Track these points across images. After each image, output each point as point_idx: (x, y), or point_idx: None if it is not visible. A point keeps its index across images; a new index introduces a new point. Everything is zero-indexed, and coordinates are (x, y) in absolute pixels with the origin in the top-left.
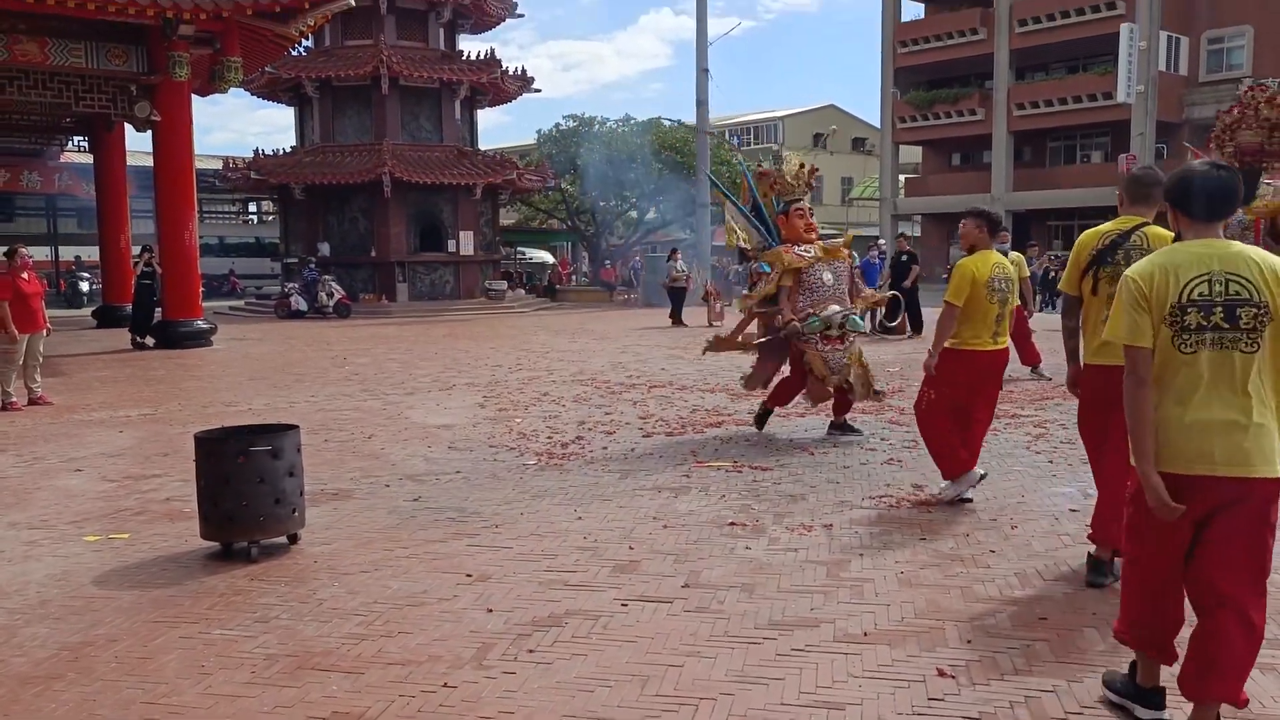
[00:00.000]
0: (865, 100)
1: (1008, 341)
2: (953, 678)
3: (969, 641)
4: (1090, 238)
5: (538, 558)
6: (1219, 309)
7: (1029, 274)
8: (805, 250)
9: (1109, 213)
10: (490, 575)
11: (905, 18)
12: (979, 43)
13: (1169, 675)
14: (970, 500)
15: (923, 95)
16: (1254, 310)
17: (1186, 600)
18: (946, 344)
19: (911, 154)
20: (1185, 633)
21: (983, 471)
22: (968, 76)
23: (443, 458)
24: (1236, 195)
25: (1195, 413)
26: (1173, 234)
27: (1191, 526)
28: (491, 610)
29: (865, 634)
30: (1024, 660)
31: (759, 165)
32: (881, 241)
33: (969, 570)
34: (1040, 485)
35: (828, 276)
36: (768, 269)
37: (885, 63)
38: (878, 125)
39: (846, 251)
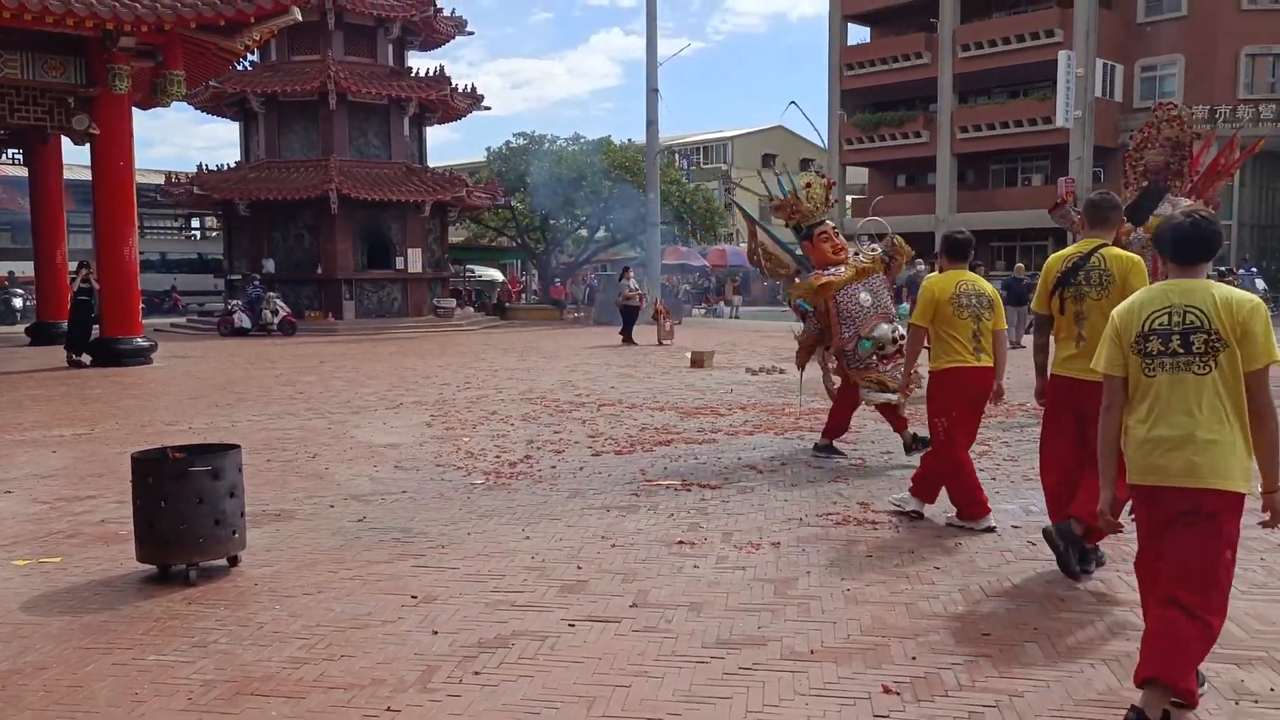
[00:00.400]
0: (814, 121)
1: (989, 361)
2: (897, 694)
3: (914, 658)
4: (1055, 261)
5: (484, 578)
6: (1176, 336)
7: None
8: (836, 271)
9: (1050, 234)
10: (436, 596)
11: (851, 41)
12: (923, 67)
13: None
14: (922, 516)
15: (868, 118)
16: (1205, 336)
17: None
18: (935, 367)
19: (858, 175)
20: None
21: (993, 524)
22: (912, 100)
23: (389, 477)
24: (1204, 241)
25: (1152, 430)
26: (1135, 258)
27: (1160, 531)
28: (437, 632)
29: (812, 652)
30: (967, 676)
31: (770, 199)
32: None
33: (914, 587)
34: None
35: (865, 297)
36: (809, 307)
37: (832, 85)
38: (825, 146)
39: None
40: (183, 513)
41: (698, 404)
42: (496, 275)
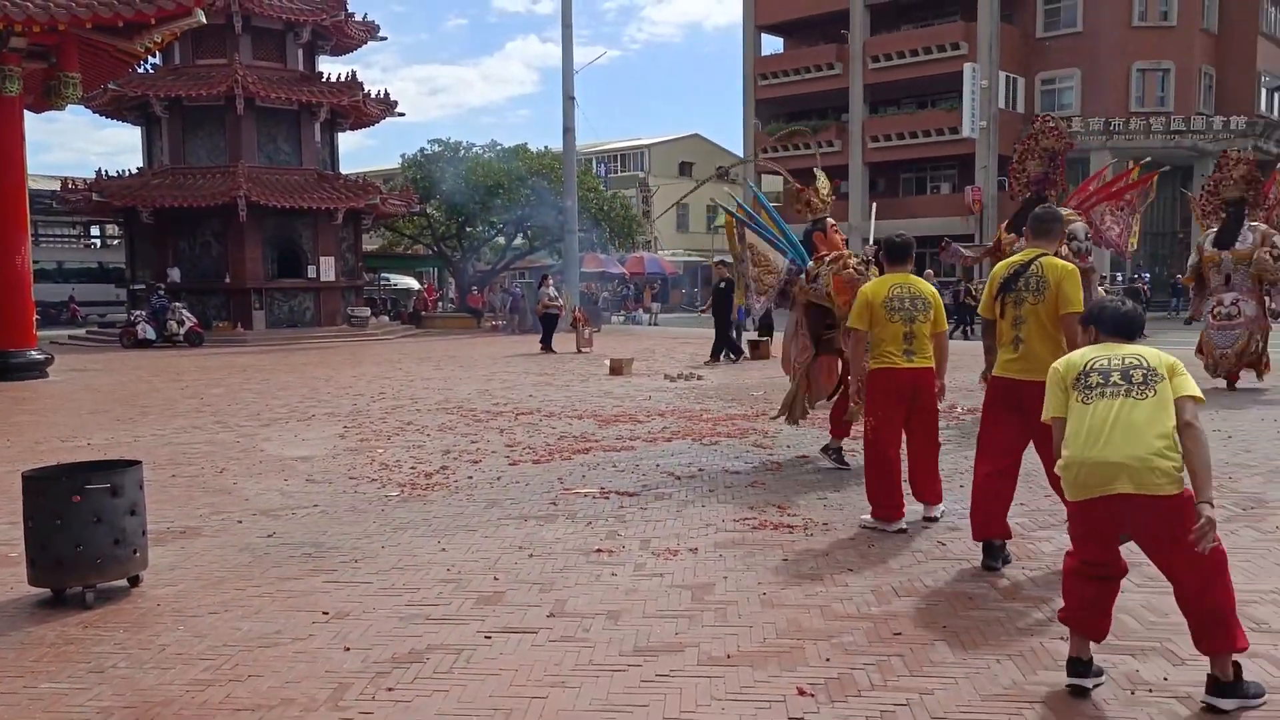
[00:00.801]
0: (729, 130)
1: (929, 361)
2: (812, 696)
3: (828, 660)
4: (1001, 268)
5: (399, 592)
6: (1115, 373)
7: None
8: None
9: (959, 241)
10: (349, 612)
11: (765, 51)
12: (835, 77)
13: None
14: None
15: (782, 127)
16: (1144, 372)
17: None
18: (869, 368)
19: (774, 183)
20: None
21: (904, 526)
22: (825, 109)
23: (300, 491)
24: (1136, 324)
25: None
26: (1070, 266)
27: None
28: (349, 648)
29: (728, 656)
30: (880, 676)
31: (797, 187)
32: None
33: (828, 589)
34: None
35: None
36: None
37: (747, 94)
38: (741, 154)
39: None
40: (79, 533)
41: (616, 411)
42: (412, 283)
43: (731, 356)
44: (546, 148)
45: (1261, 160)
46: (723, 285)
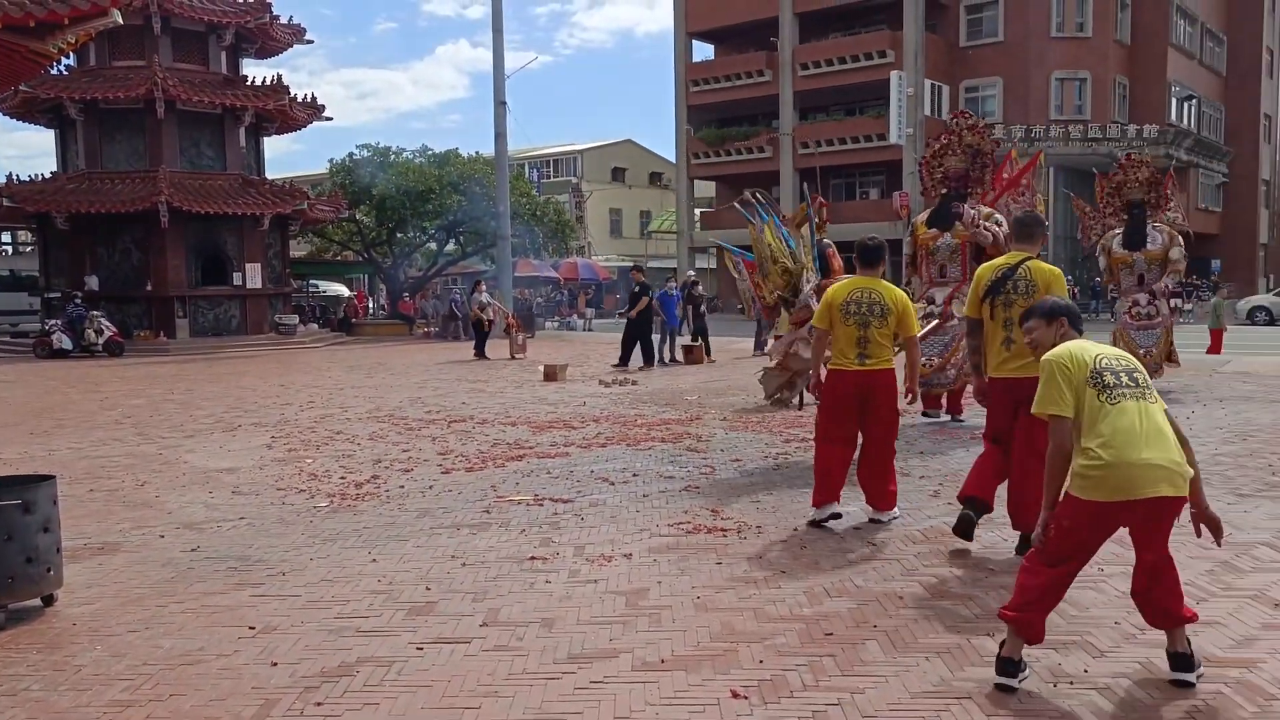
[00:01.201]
0: (662, 136)
1: (886, 364)
2: (745, 698)
3: (761, 662)
4: (986, 270)
5: (328, 604)
6: (1124, 374)
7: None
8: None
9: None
10: (276, 626)
11: (696, 58)
12: (765, 84)
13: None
14: (839, 518)
15: (714, 133)
16: (1142, 376)
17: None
18: (826, 365)
19: (707, 188)
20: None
21: (836, 511)
22: (756, 116)
23: (225, 503)
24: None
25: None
26: (1056, 270)
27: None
28: (276, 664)
29: (663, 661)
30: (812, 676)
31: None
32: (691, 273)
33: (761, 591)
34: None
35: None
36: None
37: (679, 101)
38: (674, 160)
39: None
40: None
41: (550, 418)
42: (342, 290)
43: (644, 364)
44: (478, 153)
45: (1165, 166)
46: (636, 289)
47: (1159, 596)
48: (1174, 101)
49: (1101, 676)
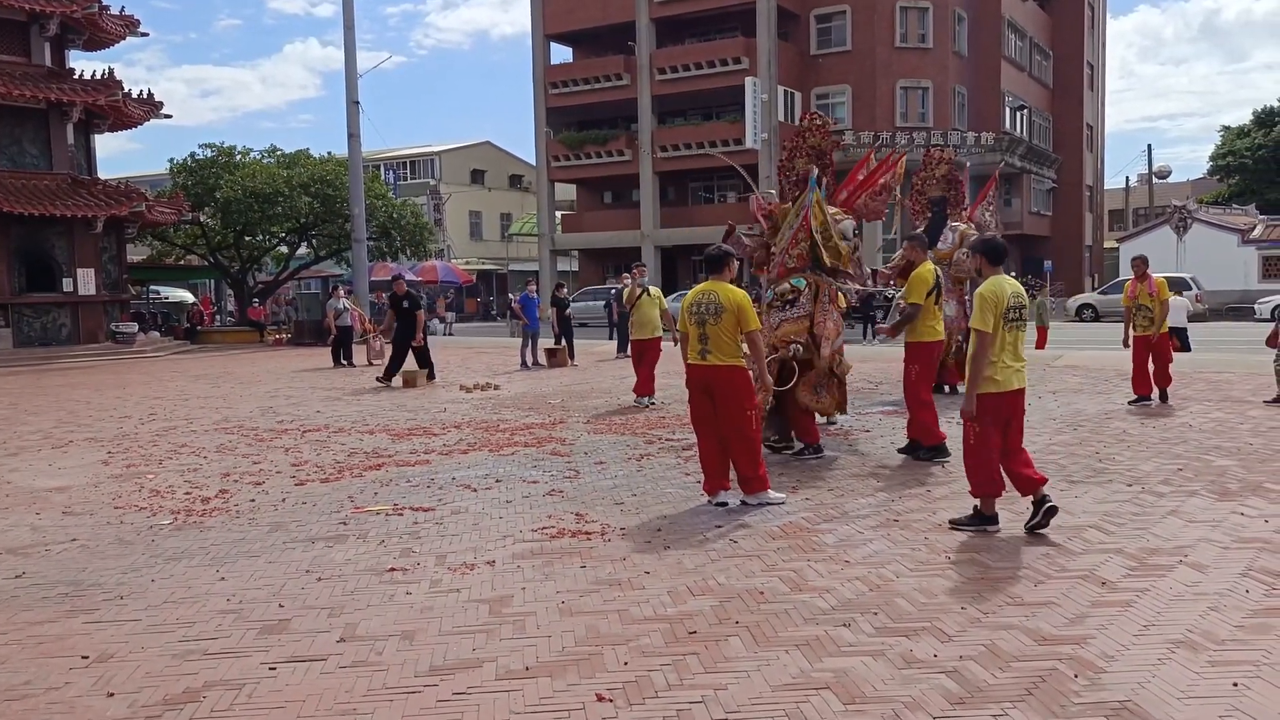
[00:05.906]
0: (521, 138)
1: (729, 360)
2: (610, 701)
3: (626, 664)
4: (1002, 304)
5: (172, 627)
6: (1015, 310)
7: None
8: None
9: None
10: (113, 654)
11: (555, 61)
12: (624, 88)
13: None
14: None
15: (574, 136)
16: (1022, 310)
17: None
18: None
19: (568, 191)
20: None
21: (723, 501)
22: (615, 119)
23: (55, 525)
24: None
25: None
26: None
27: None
28: (113, 694)
29: (527, 668)
30: (676, 675)
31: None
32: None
33: (625, 594)
34: (690, 505)
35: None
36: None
37: (538, 103)
38: (534, 163)
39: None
40: None
41: (410, 425)
42: (186, 296)
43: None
44: (330, 153)
45: (1005, 172)
46: (405, 305)
47: (1016, 466)
48: (1008, 111)
49: (949, 660)
